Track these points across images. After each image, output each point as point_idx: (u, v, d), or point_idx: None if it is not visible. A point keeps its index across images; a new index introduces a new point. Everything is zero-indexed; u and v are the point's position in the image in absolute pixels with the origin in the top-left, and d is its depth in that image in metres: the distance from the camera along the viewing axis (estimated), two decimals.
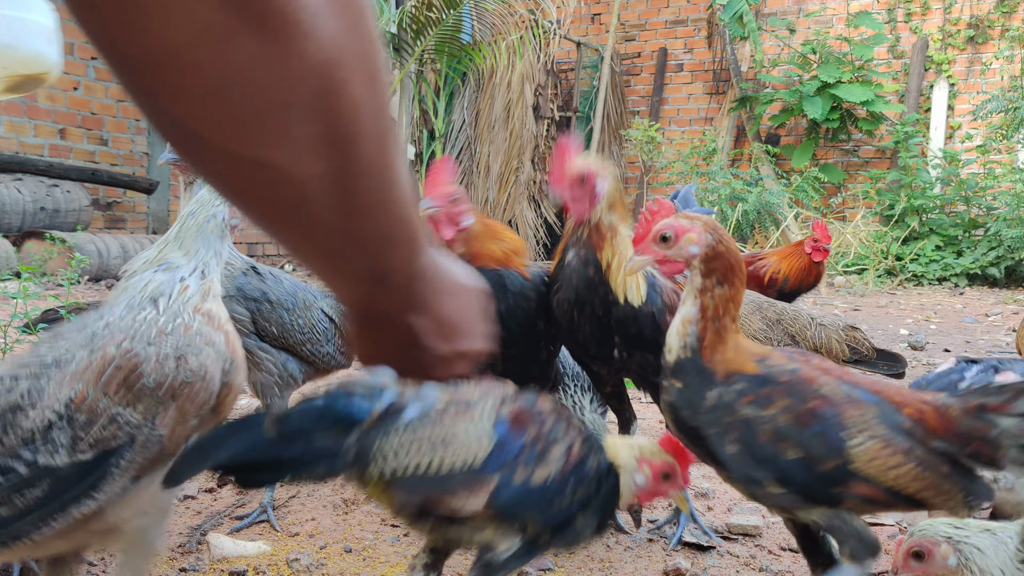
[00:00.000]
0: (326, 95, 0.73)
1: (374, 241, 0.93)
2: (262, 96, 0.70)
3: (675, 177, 12.04)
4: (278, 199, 0.82)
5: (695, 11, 13.72)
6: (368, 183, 0.85)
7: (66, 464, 1.12)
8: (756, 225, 10.89)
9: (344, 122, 0.77)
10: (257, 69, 0.68)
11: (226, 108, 0.70)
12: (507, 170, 11.94)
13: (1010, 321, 6.64)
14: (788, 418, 1.23)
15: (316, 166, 0.78)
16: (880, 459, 1.21)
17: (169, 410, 1.20)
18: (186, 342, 1.26)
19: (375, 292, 1.03)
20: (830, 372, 1.31)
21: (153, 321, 1.28)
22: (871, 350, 3.10)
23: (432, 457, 1.13)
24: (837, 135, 12.05)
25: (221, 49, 0.66)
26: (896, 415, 1.26)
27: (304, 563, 1.84)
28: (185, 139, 0.75)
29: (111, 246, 8.11)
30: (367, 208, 0.88)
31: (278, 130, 0.74)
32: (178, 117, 0.72)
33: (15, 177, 8.21)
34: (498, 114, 11.77)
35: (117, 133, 9.97)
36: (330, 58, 0.71)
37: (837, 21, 12.57)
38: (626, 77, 14.23)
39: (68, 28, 7.11)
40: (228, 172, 0.79)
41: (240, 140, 0.74)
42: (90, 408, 1.15)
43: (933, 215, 10.74)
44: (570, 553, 1.96)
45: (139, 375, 1.19)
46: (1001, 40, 11.58)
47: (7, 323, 3.24)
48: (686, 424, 1.29)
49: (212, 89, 0.68)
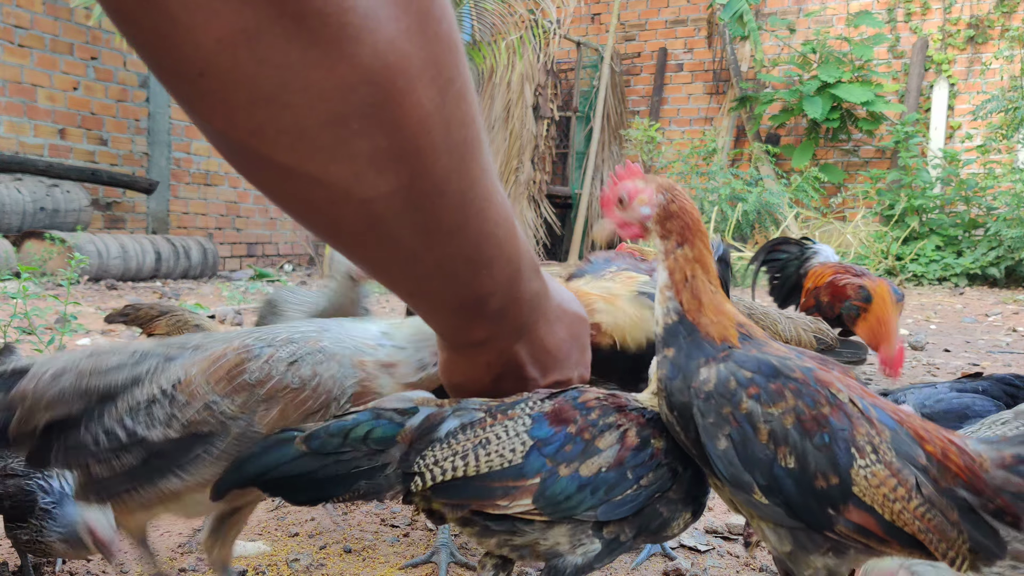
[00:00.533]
0: (386, 105, 0.67)
1: (463, 265, 0.87)
2: (311, 106, 0.65)
3: (675, 177, 12.04)
4: (343, 219, 0.76)
5: (695, 11, 13.73)
6: (448, 202, 0.78)
7: (159, 439, 1.17)
8: (756, 225, 10.90)
9: (409, 135, 0.70)
10: (302, 77, 0.63)
11: (274, 118, 0.66)
12: (507, 170, 11.95)
13: (1010, 321, 6.64)
14: (793, 420, 1.12)
15: (382, 184, 0.72)
16: (885, 488, 1.10)
17: (272, 410, 1.20)
18: (307, 351, 1.26)
19: (471, 319, 0.97)
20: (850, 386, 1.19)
21: (292, 330, 1.30)
22: (835, 340, 3.37)
23: (470, 461, 1.12)
24: (837, 135, 12.06)
25: (256, 53, 0.61)
26: (914, 447, 1.14)
27: (304, 563, 1.84)
28: (236, 152, 0.71)
29: (111, 246, 8.11)
30: (450, 229, 0.81)
31: (333, 143, 0.68)
32: (224, 130, 0.68)
33: (15, 177, 8.21)
34: (498, 114, 11.78)
35: (117, 133, 9.96)
36: (388, 64, 0.65)
37: (837, 21, 12.57)
38: (626, 77, 14.23)
39: (69, 28, 7.14)
40: (286, 189, 0.74)
41: (293, 154, 0.68)
42: (191, 392, 1.19)
43: (933, 215, 10.75)
44: None
45: (243, 370, 1.21)
46: (1001, 40, 11.59)
47: (7, 323, 3.24)
48: (677, 399, 1.17)
49: (256, 98, 0.64)
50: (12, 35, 8.86)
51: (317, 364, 1.24)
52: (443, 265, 0.85)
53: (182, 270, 9.01)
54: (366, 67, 0.64)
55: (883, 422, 1.14)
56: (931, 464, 1.13)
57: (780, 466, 1.12)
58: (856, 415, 1.14)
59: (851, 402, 1.15)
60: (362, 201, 0.73)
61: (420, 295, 0.93)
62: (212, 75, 0.62)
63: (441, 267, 0.86)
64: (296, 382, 1.22)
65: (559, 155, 13.82)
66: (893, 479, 1.10)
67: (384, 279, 0.90)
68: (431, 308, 0.96)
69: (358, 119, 0.67)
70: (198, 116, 0.68)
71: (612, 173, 1.42)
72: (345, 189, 0.71)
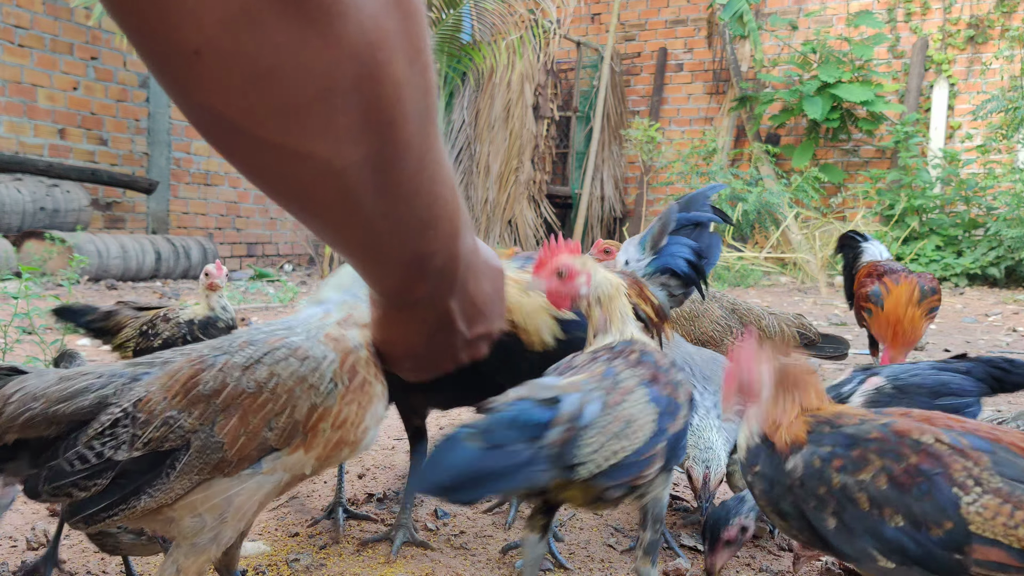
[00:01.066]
0: (368, 79, 0.70)
1: (415, 225, 0.90)
2: (304, 83, 0.67)
3: (675, 177, 12.05)
4: (319, 190, 0.79)
5: (695, 11, 13.73)
6: (409, 166, 0.81)
7: (125, 459, 1.18)
8: (756, 225, 10.90)
9: (385, 105, 0.73)
10: (297, 55, 0.65)
11: (267, 98, 0.67)
12: (507, 170, 11.95)
13: (1010, 321, 6.64)
14: (886, 480, 1.11)
15: (356, 153, 0.75)
16: (1001, 516, 1.06)
17: (231, 419, 1.19)
18: (263, 351, 1.23)
19: (414, 277, 1.00)
20: (932, 420, 1.18)
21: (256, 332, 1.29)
22: (817, 335, 3.41)
23: (624, 442, 1.19)
24: (837, 135, 12.06)
25: (257, 34, 0.63)
26: (1019, 462, 1.11)
27: (304, 563, 1.84)
28: (224, 133, 0.72)
29: (111, 246, 8.11)
30: (407, 192, 0.84)
31: (320, 119, 0.70)
32: (217, 109, 0.68)
33: (15, 177, 8.21)
34: (498, 114, 11.78)
35: (117, 133, 9.96)
36: (371, 40, 0.68)
37: (837, 21, 12.57)
38: (626, 77, 14.23)
39: (69, 28, 7.16)
40: (268, 165, 0.76)
41: (282, 131, 0.70)
42: (150, 409, 1.19)
43: (933, 215, 10.75)
44: (570, 553, 1.96)
45: (197, 381, 1.20)
46: (1001, 40, 11.59)
47: (8, 323, 3.24)
48: (781, 505, 1.20)
49: (252, 77, 0.66)
50: (12, 35, 8.86)
51: (275, 364, 1.22)
52: (397, 226, 0.88)
53: (182, 270, 9.01)
54: (352, 43, 0.66)
55: (978, 448, 1.12)
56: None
57: (891, 528, 1.10)
58: (946, 453, 1.12)
59: (938, 441, 1.13)
60: (338, 171, 0.76)
61: (371, 256, 0.95)
62: (210, 55, 0.63)
63: (395, 228, 0.88)
64: (252, 386, 1.20)
65: (559, 155, 13.82)
66: (1007, 505, 1.07)
67: (338, 242, 0.92)
68: (379, 268, 0.99)
69: (342, 94, 0.69)
70: (191, 97, 0.68)
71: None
72: (326, 161, 0.74)
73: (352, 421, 1.27)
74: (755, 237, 10.93)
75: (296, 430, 1.23)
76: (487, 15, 9.58)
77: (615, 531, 2.12)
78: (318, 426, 1.24)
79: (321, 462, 1.28)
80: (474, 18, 9.60)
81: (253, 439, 1.21)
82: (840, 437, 1.18)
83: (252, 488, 1.24)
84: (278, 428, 1.22)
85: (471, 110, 11.93)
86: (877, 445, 1.15)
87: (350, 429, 1.27)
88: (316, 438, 1.24)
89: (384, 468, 2.58)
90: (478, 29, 9.75)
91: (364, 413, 1.29)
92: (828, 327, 6.22)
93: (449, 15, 9.10)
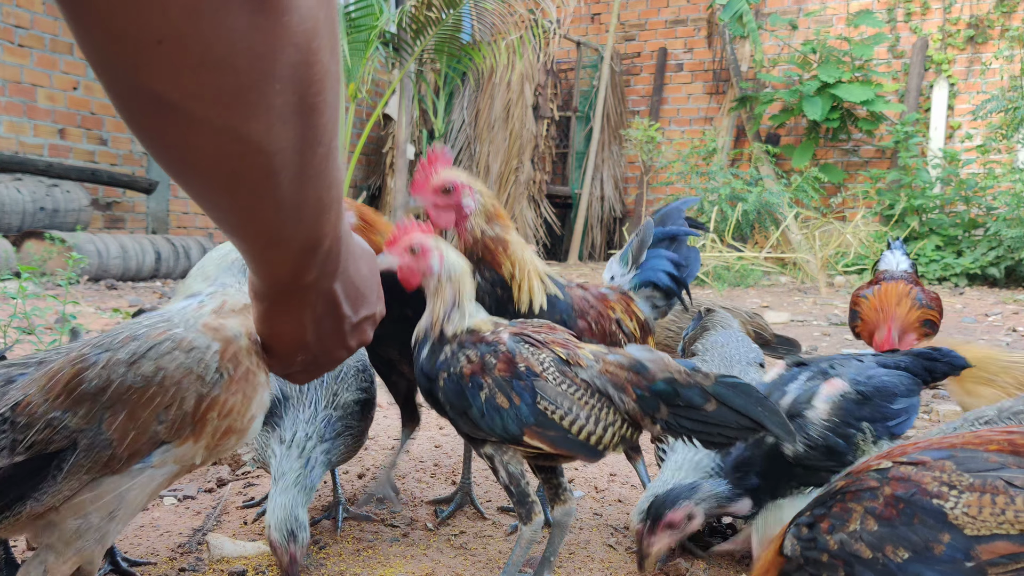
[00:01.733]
0: (302, 65, 0.74)
1: (313, 208, 0.92)
2: (250, 67, 0.70)
3: (675, 177, 12.05)
4: (244, 172, 0.81)
5: (695, 11, 13.72)
6: (322, 150, 0.85)
7: (6, 465, 1.14)
8: (756, 225, 10.90)
9: (314, 91, 0.77)
10: (247, 40, 0.68)
11: (217, 81, 0.70)
12: (507, 170, 11.95)
13: (1010, 321, 6.65)
14: (872, 521, 1.14)
15: (285, 135, 0.79)
16: (986, 509, 1.09)
17: (119, 415, 1.18)
18: (148, 346, 1.22)
19: (307, 261, 1.01)
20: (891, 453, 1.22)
21: (137, 327, 1.27)
22: (772, 335, 3.47)
23: None
24: (837, 135, 12.06)
25: (218, 20, 0.66)
26: (978, 455, 1.15)
27: (304, 563, 1.84)
28: (161, 113, 0.74)
29: (110, 246, 8.11)
30: (315, 175, 0.87)
31: (259, 101, 0.74)
32: (165, 93, 0.71)
33: (15, 177, 8.21)
34: (498, 114, 11.78)
35: (117, 133, 9.96)
36: (308, 28, 0.72)
37: (837, 21, 12.57)
38: (626, 77, 14.23)
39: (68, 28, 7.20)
40: (200, 146, 0.78)
41: (225, 113, 0.73)
42: (31, 412, 1.16)
43: (933, 215, 10.75)
44: (570, 553, 1.96)
45: (80, 380, 1.18)
46: (1001, 40, 11.59)
47: (7, 323, 3.24)
48: None
49: (206, 62, 0.68)
50: (12, 35, 8.86)
51: (160, 358, 1.21)
52: (301, 209, 0.90)
53: (182, 270, 9.00)
54: (294, 31, 0.71)
55: (939, 458, 1.15)
56: (1008, 457, 1.13)
57: (898, 563, 1.12)
58: (912, 473, 1.15)
59: (898, 464, 1.17)
60: (268, 152, 0.79)
61: (271, 241, 0.95)
62: (170, 42, 0.66)
63: (299, 211, 0.90)
64: (139, 381, 1.19)
65: (559, 155, 13.82)
66: (986, 496, 1.09)
67: (242, 226, 0.93)
68: (276, 253, 0.99)
69: (280, 79, 0.73)
70: (135, 81, 0.70)
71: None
72: (258, 142, 0.77)
73: (238, 410, 1.28)
74: (755, 237, 10.93)
75: (186, 422, 1.22)
76: (487, 15, 9.57)
77: (615, 531, 2.12)
78: (207, 416, 1.24)
79: (210, 451, 1.28)
80: (474, 18, 9.59)
81: (143, 433, 1.20)
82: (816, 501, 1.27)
83: (143, 482, 1.22)
84: (168, 421, 1.20)
85: (471, 110, 11.93)
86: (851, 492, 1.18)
87: (237, 418, 1.28)
88: (205, 428, 1.25)
89: (384, 468, 2.58)
90: (478, 29, 9.74)
91: (250, 402, 1.30)
92: (828, 327, 6.22)
93: (449, 15, 9.09)
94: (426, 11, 9.08)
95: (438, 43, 9.43)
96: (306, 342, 1.17)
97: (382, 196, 12.16)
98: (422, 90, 11.28)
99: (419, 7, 9.08)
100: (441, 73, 11.13)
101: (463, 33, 9.64)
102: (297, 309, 1.11)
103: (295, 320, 1.13)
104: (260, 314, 1.14)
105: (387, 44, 9.45)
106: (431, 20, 9.15)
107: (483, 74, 11.54)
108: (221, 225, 0.92)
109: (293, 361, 1.24)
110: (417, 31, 9.24)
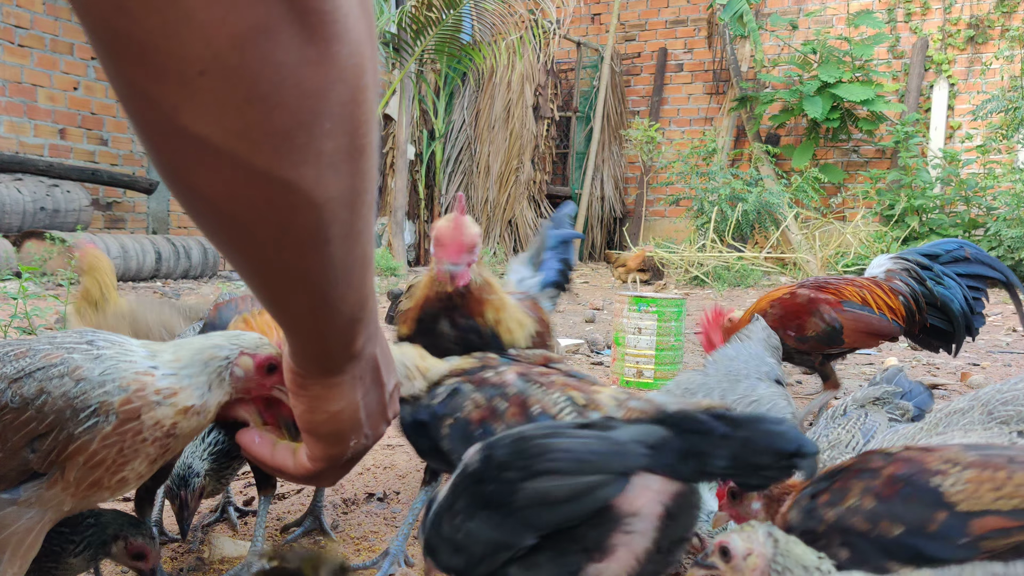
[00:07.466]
0: (352, 103, 0.68)
1: (360, 264, 0.83)
2: (299, 105, 0.64)
3: (675, 177, 12.05)
4: (291, 226, 0.73)
5: (695, 11, 13.72)
6: (367, 200, 0.77)
7: None
8: (756, 225, 10.89)
9: (361, 133, 0.71)
10: (296, 74, 0.62)
11: (264, 119, 0.64)
12: (507, 170, 11.95)
13: (1010, 321, 6.64)
14: (871, 498, 1.15)
15: (336, 184, 0.71)
16: (986, 483, 1.09)
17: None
18: (37, 366, 1.12)
19: (357, 327, 0.91)
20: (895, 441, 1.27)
21: (33, 343, 1.19)
22: None
23: None
24: (837, 135, 12.06)
25: (266, 50, 0.60)
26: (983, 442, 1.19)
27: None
28: (207, 162, 0.67)
29: (111, 246, 8.11)
30: (360, 229, 0.79)
31: (309, 144, 0.67)
32: (208, 134, 0.64)
33: (15, 177, 8.21)
34: (498, 114, 11.78)
35: (117, 133, 9.97)
36: (357, 63, 0.66)
37: (837, 21, 12.57)
38: (626, 77, 14.23)
39: (69, 28, 7.15)
40: (248, 197, 0.70)
41: (273, 156, 0.66)
42: None
43: (933, 215, 10.74)
44: None
45: None
46: (1001, 40, 11.59)
47: (7, 323, 3.24)
48: None
49: (253, 97, 0.62)
50: (12, 35, 8.87)
51: (47, 381, 1.11)
52: (349, 267, 0.82)
53: (182, 270, 9.01)
54: (343, 66, 0.65)
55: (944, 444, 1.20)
56: None
57: (893, 537, 1.13)
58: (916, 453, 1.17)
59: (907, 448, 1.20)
60: (318, 204, 0.72)
61: (318, 304, 0.85)
62: (214, 74, 0.60)
63: (348, 270, 0.82)
64: (17, 401, 1.10)
65: (559, 155, 13.82)
66: (987, 471, 1.10)
67: (287, 290, 0.83)
68: (328, 320, 0.88)
69: (329, 118, 0.67)
70: (176, 121, 0.64)
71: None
72: (308, 191, 0.70)
73: (108, 466, 1.13)
74: (755, 237, 10.92)
75: (53, 458, 1.11)
76: (487, 15, 9.58)
77: None
78: (74, 458, 1.11)
79: (77, 501, 1.16)
80: (474, 18, 9.60)
81: (12, 458, 1.10)
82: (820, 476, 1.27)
83: (8, 518, 1.11)
84: (42, 451, 1.10)
85: (471, 110, 11.93)
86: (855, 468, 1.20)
87: (105, 473, 1.14)
88: (70, 472, 1.12)
89: (384, 468, 2.58)
90: (478, 29, 9.75)
91: (125, 464, 1.15)
92: None
93: (449, 15, 9.10)
94: (426, 11, 9.09)
95: (438, 43, 9.44)
96: (359, 422, 1.04)
97: (382, 196, 12.16)
98: (422, 90, 11.28)
99: (419, 7, 9.09)
100: (441, 73, 11.14)
101: (463, 33, 9.65)
102: (349, 384, 0.99)
103: (348, 398, 1.00)
104: (309, 403, 1.00)
105: (387, 44, 9.46)
106: (431, 20, 9.16)
107: (483, 74, 11.54)
108: (259, 291, 0.83)
109: (346, 449, 1.07)
110: (417, 31, 9.24)
